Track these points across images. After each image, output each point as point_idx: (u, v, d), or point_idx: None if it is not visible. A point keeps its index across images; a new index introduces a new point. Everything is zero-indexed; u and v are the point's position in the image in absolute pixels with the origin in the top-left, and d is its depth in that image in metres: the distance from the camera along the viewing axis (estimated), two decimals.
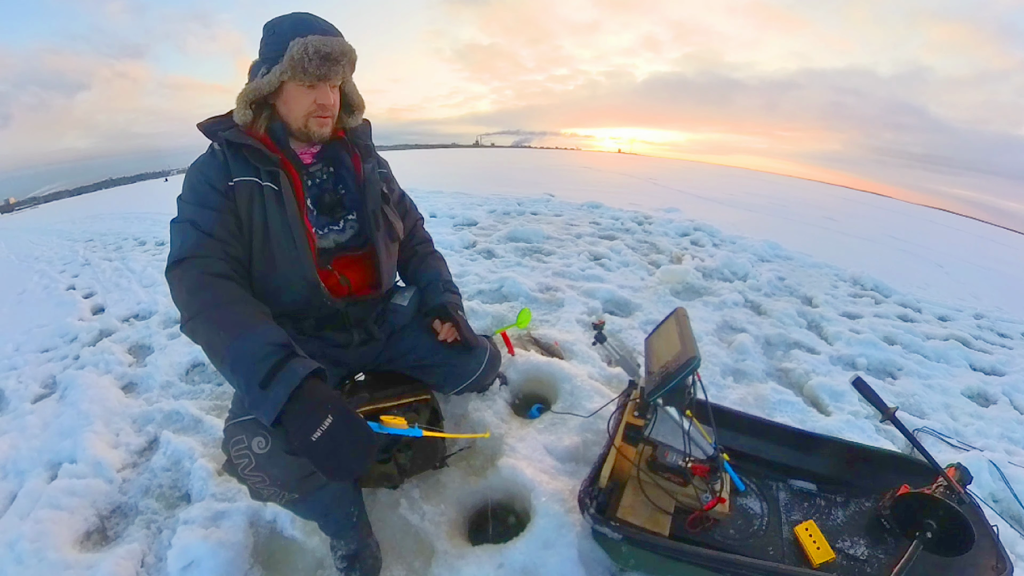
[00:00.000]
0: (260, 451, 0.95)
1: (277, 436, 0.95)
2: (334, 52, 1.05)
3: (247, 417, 0.97)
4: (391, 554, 1.26)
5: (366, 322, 1.31)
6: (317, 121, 1.13)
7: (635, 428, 1.25)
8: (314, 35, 1.04)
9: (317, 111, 1.11)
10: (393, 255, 1.35)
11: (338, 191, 1.24)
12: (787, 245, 4.88)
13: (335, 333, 1.27)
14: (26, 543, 1.27)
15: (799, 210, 10.23)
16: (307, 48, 1.03)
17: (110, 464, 1.59)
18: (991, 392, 2.32)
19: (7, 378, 2.35)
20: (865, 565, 1.15)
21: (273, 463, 0.96)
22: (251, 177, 1.09)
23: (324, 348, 1.26)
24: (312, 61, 1.03)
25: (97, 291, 3.87)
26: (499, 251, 3.99)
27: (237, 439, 0.96)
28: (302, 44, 1.03)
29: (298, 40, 1.03)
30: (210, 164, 1.10)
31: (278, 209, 1.10)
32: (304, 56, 1.03)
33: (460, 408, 1.63)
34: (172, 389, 2.07)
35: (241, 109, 1.10)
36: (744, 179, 18.47)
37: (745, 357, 2.33)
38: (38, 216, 16.40)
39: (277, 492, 1.00)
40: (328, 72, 1.07)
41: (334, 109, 1.14)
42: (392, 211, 1.33)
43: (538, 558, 1.15)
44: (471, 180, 10.48)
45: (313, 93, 1.09)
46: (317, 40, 1.03)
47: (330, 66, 1.06)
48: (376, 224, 1.24)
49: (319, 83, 1.08)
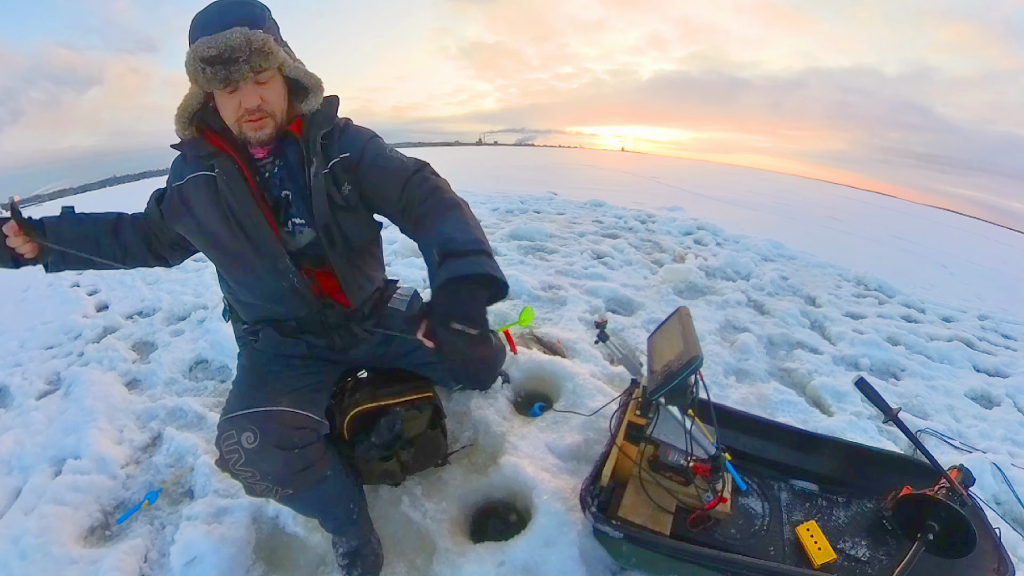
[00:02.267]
0: (249, 446, 0.95)
1: (266, 430, 0.96)
2: (222, 53, 0.89)
3: (238, 412, 0.98)
4: (393, 551, 1.26)
5: (346, 325, 1.21)
6: (250, 125, 0.99)
7: (637, 427, 1.25)
8: (202, 37, 0.90)
9: (245, 115, 0.98)
10: (361, 265, 1.20)
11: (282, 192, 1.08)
12: (791, 245, 4.87)
13: (314, 338, 1.19)
14: (31, 538, 1.28)
15: (803, 209, 10.19)
16: (193, 59, 0.90)
17: (114, 460, 1.60)
18: (994, 394, 2.31)
19: (12, 374, 2.36)
20: (866, 566, 1.15)
21: (263, 458, 0.96)
22: (202, 172, 1.04)
23: (311, 350, 1.21)
24: (205, 71, 0.90)
25: (101, 288, 3.88)
26: (502, 249, 3.98)
27: (227, 434, 0.96)
28: (190, 55, 0.91)
29: (189, 50, 0.92)
30: (173, 169, 1.11)
31: (230, 192, 1.01)
32: (196, 68, 0.90)
33: (462, 406, 1.64)
34: (175, 386, 2.08)
35: (181, 128, 1.03)
36: (748, 178, 18.40)
37: (748, 357, 2.33)
38: (42, 213, 16.44)
39: (269, 487, 1.00)
40: (230, 75, 0.90)
41: (268, 106, 0.98)
42: (353, 217, 1.10)
43: (539, 556, 1.15)
44: (474, 178, 10.46)
45: (236, 97, 0.95)
46: (202, 46, 0.89)
47: (228, 68, 0.90)
48: (331, 240, 1.08)
49: (238, 87, 0.94)
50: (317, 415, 1.08)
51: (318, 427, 1.07)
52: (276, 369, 1.14)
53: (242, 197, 1.02)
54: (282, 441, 0.98)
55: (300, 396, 1.08)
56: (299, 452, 1.01)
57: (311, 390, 1.14)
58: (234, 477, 1.00)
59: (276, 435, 0.97)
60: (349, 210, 1.08)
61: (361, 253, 1.18)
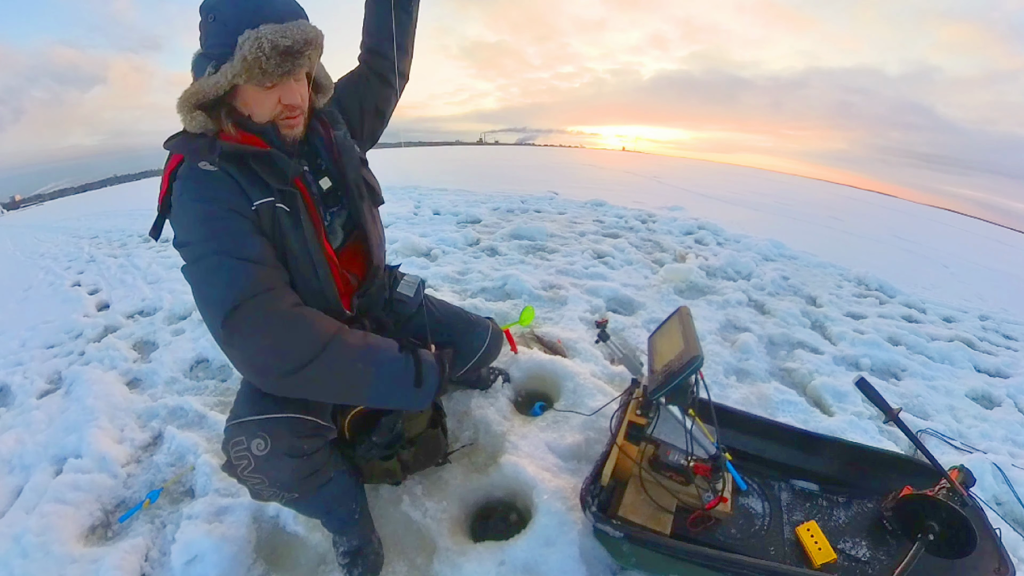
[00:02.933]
0: (259, 453, 0.93)
1: (277, 437, 0.94)
2: (296, 44, 0.85)
3: (248, 418, 0.95)
4: (393, 550, 1.27)
5: (376, 312, 1.26)
6: (286, 123, 0.95)
7: (637, 427, 1.25)
8: (268, 24, 0.84)
9: (284, 112, 0.94)
10: (379, 223, 1.22)
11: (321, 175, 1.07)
12: (791, 244, 4.86)
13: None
14: (32, 537, 1.29)
15: (804, 209, 10.18)
16: (262, 45, 0.83)
17: (115, 459, 1.60)
18: (995, 394, 2.30)
19: (13, 373, 2.37)
20: (867, 566, 1.15)
21: (272, 465, 0.95)
22: (268, 198, 0.92)
23: None
24: (271, 60, 0.84)
25: (102, 288, 3.89)
26: (502, 249, 3.99)
27: (237, 440, 0.94)
28: (255, 40, 0.83)
29: (249, 34, 0.83)
30: (218, 187, 0.89)
31: (297, 235, 0.95)
32: (260, 55, 0.83)
33: (463, 405, 1.64)
34: (176, 385, 2.08)
35: (187, 116, 0.89)
36: (749, 178, 18.39)
37: (748, 356, 2.33)
38: (43, 213, 16.47)
39: (277, 492, 1.00)
40: (293, 67, 0.88)
41: (304, 104, 0.96)
42: (370, 172, 1.19)
43: (539, 555, 1.16)
44: (474, 178, 10.47)
45: (275, 92, 0.91)
46: (273, 32, 0.83)
47: (294, 61, 0.87)
48: (360, 194, 1.10)
49: (282, 81, 0.90)
50: (324, 420, 1.07)
51: (326, 432, 1.06)
52: None
53: (312, 241, 0.97)
54: (292, 449, 0.96)
55: (308, 401, 1.07)
56: (308, 459, 1.00)
57: None
58: (241, 483, 0.98)
59: (287, 442, 0.95)
60: (365, 163, 1.19)
61: (377, 209, 1.22)
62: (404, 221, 5.24)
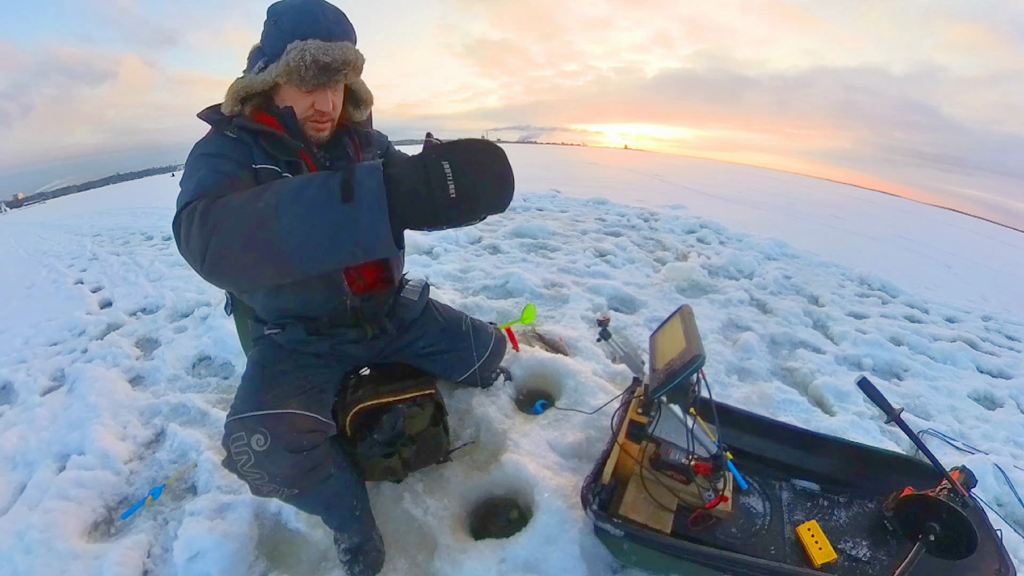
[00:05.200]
0: (259, 448, 0.95)
1: (276, 433, 0.96)
2: (334, 62, 0.96)
3: (248, 414, 0.97)
4: (394, 547, 1.27)
5: (378, 316, 1.27)
6: (313, 125, 1.05)
7: (639, 425, 1.25)
8: (315, 39, 0.94)
9: (314, 116, 1.03)
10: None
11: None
12: (794, 243, 4.85)
13: (348, 330, 1.23)
14: (35, 533, 1.29)
15: (807, 208, 10.16)
16: (304, 56, 0.93)
17: (117, 456, 1.61)
18: (998, 395, 2.30)
19: (16, 371, 2.38)
20: (867, 566, 1.15)
21: (272, 461, 0.96)
22: (272, 166, 1.00)
23: (334, 345, 1.24)
24: (309, 70, 0.95)
25: (105, 285, 3.91)
26: (504, 247, 3.99)
27: (237, 435, 0.96)
28: (300, 51, 0.93)
29: (296, 44, 0.94)
30: (227, 144, 0.98)
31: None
32: (301, 64, 0.94)
33: (464, 403, 1.64)
34: (179, 382, 2.09)
35: (231, 103, 1.01)
36: (752, 176, 18.35)
37: (750, 356, 2.32)
38: (46, 211, 16.53)
39: (277, 488, 1.01)
40: (328, 81, 0.99)
41: (335, 113, 1.07)
42: None
43: (540, 553, 1.16)
44: None
45: (311, 97, 1.01)
46: (317, 48, 0.94)
47: (330, 76, 0.98)
48: None
49: (318, 89, 1.00)
50: (325, 416, 1.08)
51: (326, 429, 1.08)
52: (287, 368, 1.14)
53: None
54: (292, 444, 0.98)
55: (309, 397, 1.09)
56: (307, 454, 1.01)
57: (318, 391, 1.15)
58: (241, 478, 1.00)
59: (286, 438, 0.97)
60: None
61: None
62: None
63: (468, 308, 2.52)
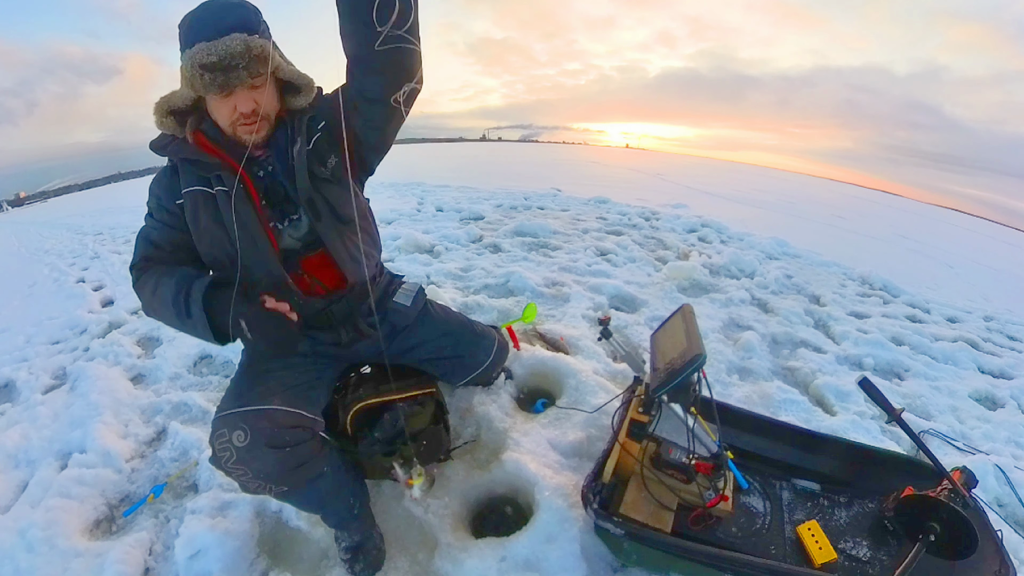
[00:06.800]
0: (240, 444, 0.95)
1: (256, 429, 0.95)
2: (222, 60, 0.89)
3: (231, 411, 0.98)
4: (395, 545, 1.27)
5: (353, 318, 1.23)
6: (244, 129, 1.00)
7: (639, 424, 1.26)
8: (201, 43, 0.89)
9: (240, 119, 0.99)
10: (352, 237, 1.15)
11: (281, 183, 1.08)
12: (795, 243, 4.84)
13: (323, 332, 1.21)
14: (37, 531, 1.30)
15: (808, 208, 10.14)
16: (192, 64, 0.90)
17: (119, 454, 1.61)
18: (999, 395, 2.29)
19: (18, 369, 2.38)
20: (867, 566, 1.15)
21: (254, 456, 0.96)
22: (200, 187, 1.03)
23: (316, 346, 1.22)
24: (204, 77, 0.90)
25: (106, 284, 3.91)
26: (505, 246, 3.98)
27: (220, 432, 0.96)
28: (188, 60, 0.90)
29: (185, 54, 0.91)
30: (160, 182, 1.09)
31: (230, 211, 1.01)
32: (193, 73, 0.91)
33: (465, 402, 1.64)
34: (180, 381, 2.09)
35: (159, 119, 1.01)
36: (753, 176, 18.32)
37: (751, 355, 2.32)
38: (48, 210, 16.56)
39: (263, 485, 1.00)
40: (228, 81, 0.92)
41: (262, 109, 1.00)
42: (339, 189, 1.11)
43: (540, 552, 1.16)
44: (477, 174, 10.46)
45: (231, 101, 0.96)
46: (200, 51, 0.89)
47: (227, 75, 0.91)
48: (316, 213, 1.08)
49: (233, 92, 0.95)
50: (311, 412, 1.08)
51: (312, 424, 1.07)
52: (274, 367, 1.14)
53: (246, 209, 1.04)
54: (273, 440, 0.97)
55: (294, 394, 1.08)
56: (291, 450, 1.00)
57: (307, 387, 1.14)
58: (227, 475, 1.00)
59: (267, 434, 0.97)
60: (335, 182, 1.11)
61: (351, 225, 1.14)
62: (407, 217, 5.24)
63: (469, 307, 2.52)
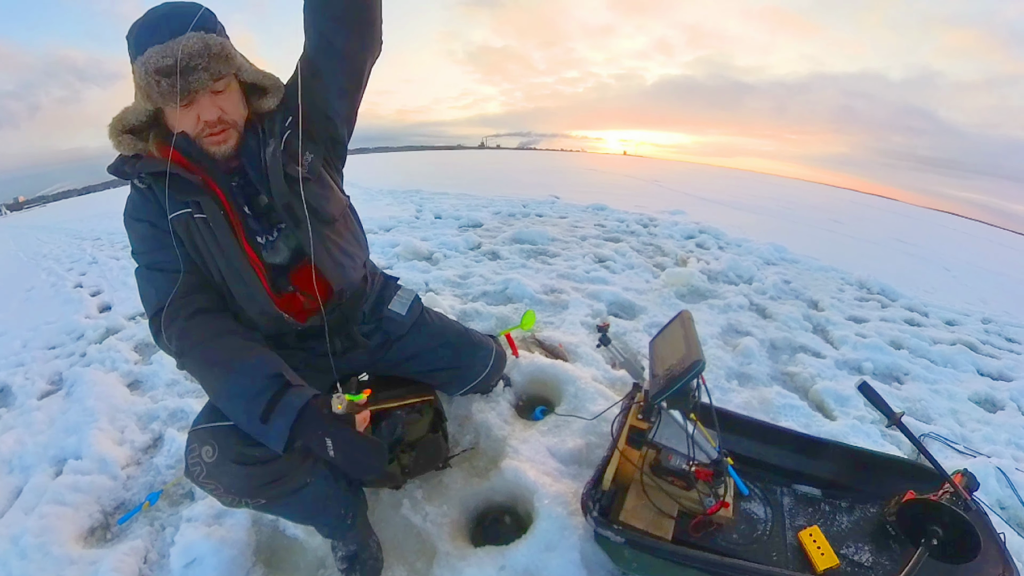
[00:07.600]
0: (209, 460, 0.91)
1: (224, 446, 0.91)
2: (180, 61, 0.82)
3: (202, 426, 0.94)
4: (393, 554, 1.26)
5: (347, 328, 1.20)
6: (211, 140, 0.93)
7: (639, 431, 1.25)
8: (152, 47, 0.82)
9: (205, 129, 0.91)
10: (336, 239, 1.11)
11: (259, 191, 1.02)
12: (793, 248, 4.86)
13: (316, 343, 1.17)
14: (31, 538, 1.28)
15: (805, 213, 10.18)
16: (146, 70, 0.83)
17: (115, 461, 1.60)
18: (999, 398, 2.29)
19: (14, 374, 2.37)
20: (870, 571, 1.14)
21: (222, 471, 0.92)
22: (183, 210, 0.94)
23: (309, 358, 1.18)
24: (161, 83, 0.83)
25: (104, 289, 3.91)
26: (504, 253, 3.99)
27: (192, 447, 0.93)
28: (142, 67, 0.83)
29: (138, 62, 0.84)
30: (142, 206, 0.97)
31: (213, 242, 0.95)
32: (148, 81, 0.83)
33: (464, 409, 1.63)
34: (177, 387, 2.08)
35: (115, 140, 0.92)
36: (750, 182, 18.41)
37: (750, 361, 2.32)
38: (46, 214, 16.56)
39: (236, 499, 0.97)
40: (189, 85, 0.84)
41: (229, 116, 0.93)
42: (317, 187, 1.06)
43: (540, 560, 1.15)
44: (476, 182, 10.49)
45: (193, 110, 0.89)
46: (155, 56, 0.82)
47: (186, 78, 0.83)
48: (295, 219, 1.01)
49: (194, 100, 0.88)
50: None
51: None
52: None
53: (228, 241, 0.96)
54: (241, 456, 0.92)
55: None
56: (262, 466, 0.95)
57: None
58: (201, 488, 0.96)
59: (235, 451, 0.92)
60: (313, 179, 1.05)
61: (332, 225, 1.10)
62: (406, 225, 5.25)
63: (467, 314, 2.51)
